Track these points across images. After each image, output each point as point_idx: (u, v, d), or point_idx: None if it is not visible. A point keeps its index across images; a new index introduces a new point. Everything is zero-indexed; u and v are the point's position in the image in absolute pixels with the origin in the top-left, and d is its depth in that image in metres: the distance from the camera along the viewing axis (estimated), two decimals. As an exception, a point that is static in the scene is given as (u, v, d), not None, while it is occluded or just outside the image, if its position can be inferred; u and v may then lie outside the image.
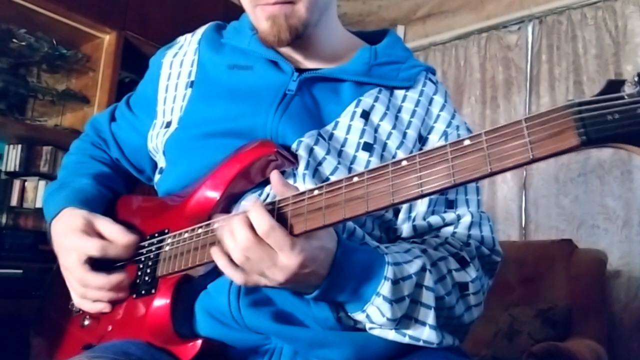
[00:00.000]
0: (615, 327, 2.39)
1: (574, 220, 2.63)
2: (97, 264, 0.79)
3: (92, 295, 0.79)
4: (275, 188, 0.68)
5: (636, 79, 0.45)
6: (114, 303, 0.80)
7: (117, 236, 0.79)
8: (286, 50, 0.86)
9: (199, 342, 0.70)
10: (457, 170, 0.53)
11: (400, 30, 3.40)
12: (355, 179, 0.60)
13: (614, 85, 0.47)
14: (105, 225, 0.81)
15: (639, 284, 2.42)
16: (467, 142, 0.54)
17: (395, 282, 0.66)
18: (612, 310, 2.40)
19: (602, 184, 2.57)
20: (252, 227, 0.62)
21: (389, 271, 0.66)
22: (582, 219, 2.61)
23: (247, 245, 0.62)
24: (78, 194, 0.87)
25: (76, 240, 0.79)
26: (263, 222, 0.61)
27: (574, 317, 2.08)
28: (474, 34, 3.17)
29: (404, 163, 0.57)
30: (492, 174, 0.52)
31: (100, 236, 0.80)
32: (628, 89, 0.46)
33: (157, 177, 0.91)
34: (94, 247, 0.78)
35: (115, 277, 0.77)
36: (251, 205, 0.64)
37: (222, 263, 0.65)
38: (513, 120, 0.51)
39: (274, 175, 0.68)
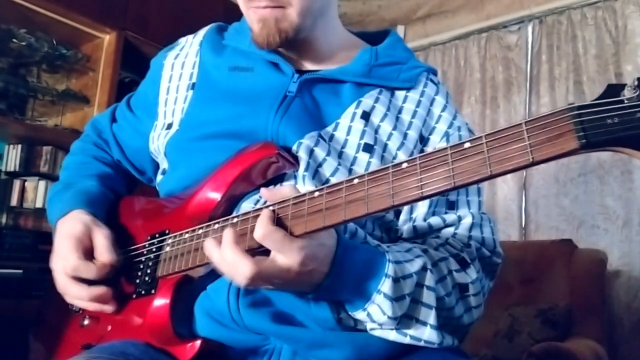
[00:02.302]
0: (615, 327, 2.39)
1: (574, 220, 2.63)
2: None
3: (80, 305, 0.80)
4: (271, 200, 0.68)
5: (636, 83, 0.45)
6: (110, 307, 0.80)
7: (99, 251, 0.80)
8: (286, 52, 0.87)
9: (198, 342, 0.70)
10: (457, 173, 0.53)
11: (400, 30, 3.40)
12: (356, 181, 0.60)
13: (614, 90, 0.47)
14: (97, 236, 0.81)
15: (639, 284, 2.42)
16: (467, 145, 0.54)
17: (396, 280, 0.66)
18: (612, 310, 2.40)
19: (602, 184, 2.57)
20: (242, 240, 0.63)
21: (389, 269, 0.66)
22: (582, 219, 2.61)
23: (252, 276, 0.61)
24: (84, 195, 0.87)
25: (65, 249, 0.79)
26: (261, 224, 0.62)
27: (574, 317, 2.08)
28: (474, 34, 3.17)
29: (405, 165, 0.57)
30: (492, 176, 0.52)
31: (91, 248, 0.80)
32: (628, 93, 0.46)
33: (159, 178, 0.91)
34: (69, 265, 0.78)
35: (96, 290, 0.77)
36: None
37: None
38: (513, 120, 0.51)
39: (263, 192, 0.69)
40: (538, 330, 2.01)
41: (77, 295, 0.78)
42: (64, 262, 0.78)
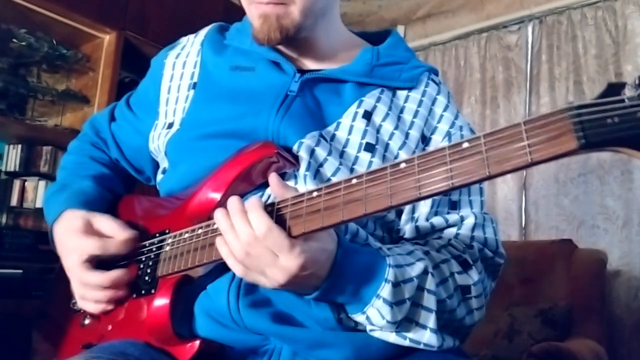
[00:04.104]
0: (615, 327, 2.39)
1: (574, 220, 2.63)
2: (99, 264, 0.80)
3: (92, 296, 0.79)
4: (274, 190, 0.68)
5: (637, 81, 0.45)
6: (114, 303, 0.80)
7: (115, 232, 0.80)
8: (288, 51, 0.87)
9: (197, 342, 0.70)
10: (455, 173, 0.53)
11: (400, 30, 3.40)
12: (354, 181, 0.60)
13: (614, 88, 0.46)
14: (103, 222, 0.81)
15: (639, 284, 2.42)
16: (465, 145, 0.53)
17: (396, 285, 0.66)
18: (612, 310, 2.40)
19: (602, 184, 2.57)
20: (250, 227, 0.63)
21: (389, 273, 0.66)
22: (582, 219, 2.60)
23: (249, 240, 0.62)
24: (79, 195, 0.87)
25: (75, 240, 0.79)
26: (261, 223, 0.62)
27: (574, 317, 2.08)
28: (474, 34, 3.17)
29: (403, 165, 0.57)
30: (490, 177, 0.51)
31: (100, 234, 0.80)
32: (628, 92, 0.45)
33: (159, 177, 0.91)
34: (93, 246, 0.78)
35: (114, 274, 0.77)
36: (250, 205, 0.64)
37: (225, 251, 0.65)
38: (513, 120, 0.51)
39: (273, 178, 0.69)
40: (538, 330, 2.01)
41: (96, 283, 0.78)
42: (79, 251, 0.78)
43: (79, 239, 0.79)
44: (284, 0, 0.79)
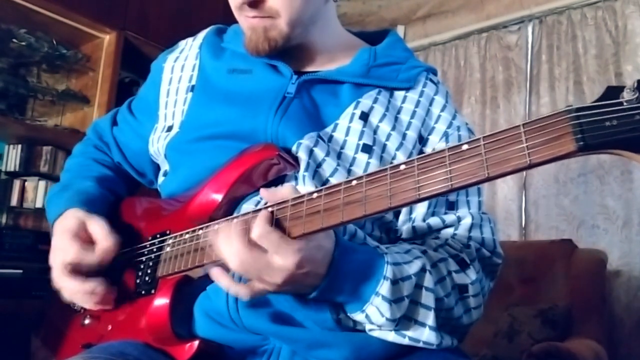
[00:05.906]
0: (615, 327, 2.39)
1: (574, 220, 2.63)
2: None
3: (73, 299, 0.80)
4: (271, 200, 0.68)
5: (635, 85, 0.45)
6: (107, 304, 0.80)
7: (99, 237, 0.80)
8: (285, 53, 0.87)
9: (196, 343, 0.70)
10: (454, 175, 0.53)
11: (400, 30, 3.40)
12: (354, 182, 0.60)
13: (613, 92, 0.47)
14: (94, 225, 0.81)
15: (639, 284, 2.42)
16: (465, 147, 0.54)
17: (395, 282, 0.66)
18: (612, 310, 2.40)
19: (602, 184, 2.57)
20: (245, 233, 0.63)
21: (388, 271, 0.66)
22: (582, 219, 2.60)
23: (240, 248, 0.62)
24: (81, 195, 0.87)
25: (62, 242, 0.79)
26: (258, 225, 0.62)
27: (574, 317, 2.08)
28: (474, 34, 3.17)
29: (402, 167, 0.57)
30: (490, 179, 0.52)
31: (90, 239, 0.80)
32: (627, 95, 0.45)
33: (160, 179, 0.92)
34: (70, 254, 0.78)
35: (89, 285, 0.77)
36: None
37: (224, 283, 0.66)
38: (513, 120, 0.51)
39: (263, 192, 0.69)
40: (538, 330, 2.01)
41: (71, 289, 0.78)
42: (63, 254, 0.78)
43: (65, 242, 0.79)
44: (270, 14, 0.79)
